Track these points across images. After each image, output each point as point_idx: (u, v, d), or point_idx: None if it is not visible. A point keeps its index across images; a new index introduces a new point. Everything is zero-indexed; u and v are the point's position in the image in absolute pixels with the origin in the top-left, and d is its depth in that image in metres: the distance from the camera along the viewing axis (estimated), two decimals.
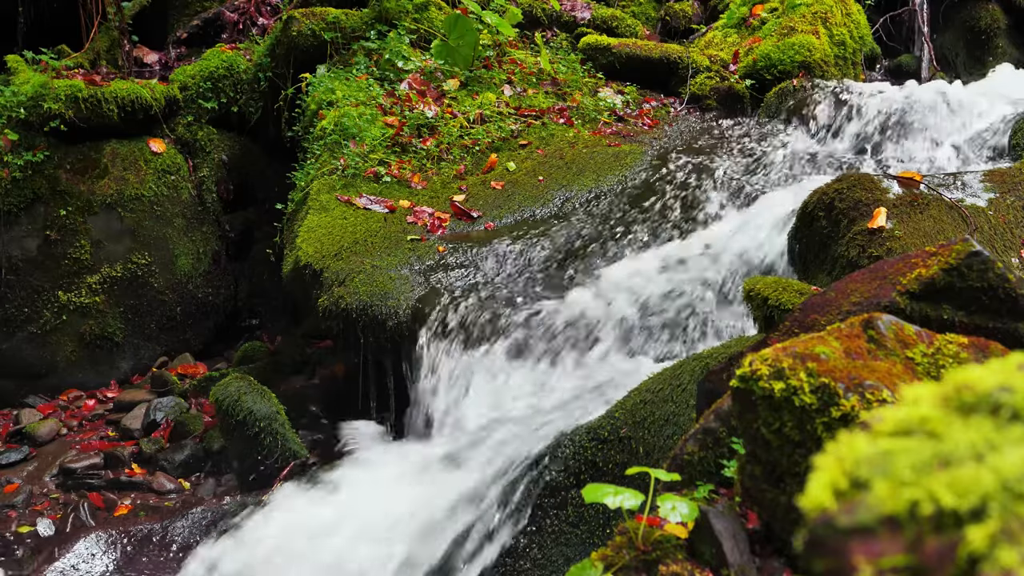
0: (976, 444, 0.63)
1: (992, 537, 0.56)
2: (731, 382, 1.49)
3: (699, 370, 2.73)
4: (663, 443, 2.68)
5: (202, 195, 5.86)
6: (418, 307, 3.76)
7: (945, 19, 7.04)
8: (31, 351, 5.41)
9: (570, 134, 5.16)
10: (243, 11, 6.73)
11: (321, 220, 4.41)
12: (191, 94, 5.97)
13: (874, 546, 0.60)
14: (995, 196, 3.48)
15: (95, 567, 3.71)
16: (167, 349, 5.69)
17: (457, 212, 4.48)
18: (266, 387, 4.29)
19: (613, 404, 2.92)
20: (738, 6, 6.61)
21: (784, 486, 1.45)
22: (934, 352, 1.51)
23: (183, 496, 4.34)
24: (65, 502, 4.29)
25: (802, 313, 1.96)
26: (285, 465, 4.01)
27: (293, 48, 5.67)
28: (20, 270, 5.40)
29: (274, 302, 5.91)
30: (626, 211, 4.43)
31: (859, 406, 1.33)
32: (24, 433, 4.91)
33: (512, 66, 5.77)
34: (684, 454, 1.78)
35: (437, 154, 4.92)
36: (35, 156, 5.37)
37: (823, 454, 0.67)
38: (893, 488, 0.61)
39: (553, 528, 2.81)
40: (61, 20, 6.61)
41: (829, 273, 3.27)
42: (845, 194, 3.36)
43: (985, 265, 1.78)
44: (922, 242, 3.11)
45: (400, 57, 5.47)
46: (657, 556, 1.52)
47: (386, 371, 4.00)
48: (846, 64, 5.99)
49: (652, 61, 5.95)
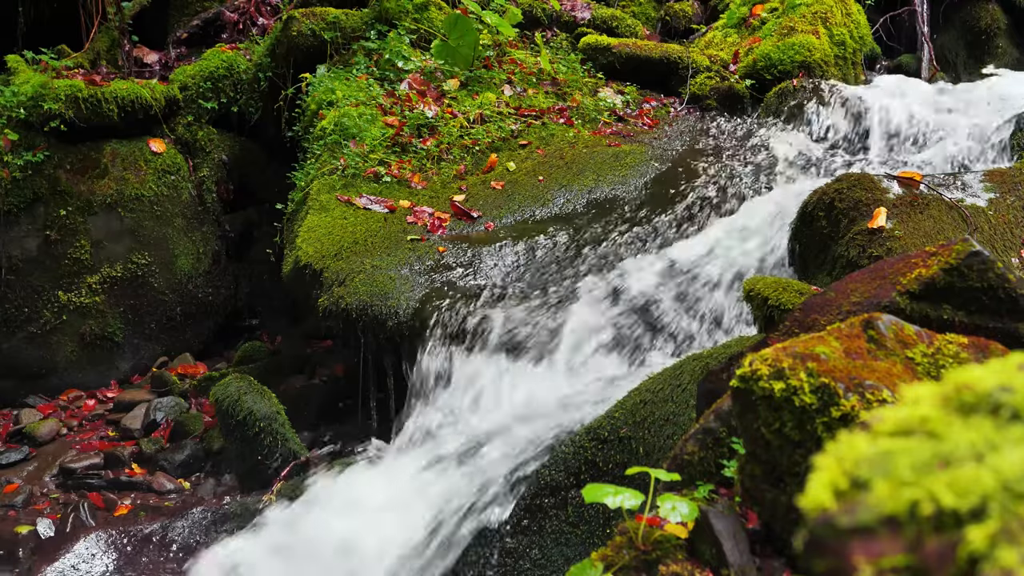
0: (976, 444, 0.63)
1: (992, 537, 0.56)
2: (731, 382, 1.49)
3: (699, 370, 2.73)
4: (663, 443, 2.68)
5: (202, 195, 5.86)
6: (418, 307, 3.76)
7: (945, 19, 7.03)
8: (31, 351, 5.40)
9: (570, 134, 5.17)
10: (243, 11, 6.72)
11: (321, 220, 4.41)
12: (191, 94, 5.97)
13: (874, 546, 0.60)
14: (995, 196, 3.48)
15: (95, 567, 3.71)
16: (167, 349, 5.69)
17: (457, 212, 4.48)
18: (266, 387, 4.29)
19: (613, 404, 2.92)
20: (738, 6, 6.61)
21: (784, 486, 1.45)
22: (934, 352, 1.51)
23: (183, 496, 4.34)
24: (65, 502, 4.29)
25: (802, 313, 1.96)
26: (285, 465, 4.01)
27: (293, 48, 5.67)
28: (20, 270, 5.40)
29: (274, 302, 5.91)
30: (627, 212, 4.43)
31: (859, 406, 1.33)
32: (24, 433, 4.91)
33: (512, 66, 5.77)
34: (684, 454, 1.78)
35: (437, 154, 4.92)
36: (35, 156, 5.37)
37: (823, 454, 0.67)
38: (893, 488, 0.61)
39: (553, 528, 2.81)
40: (61, 20, 6.61)
41: (829, 273, 3.27)
42: (845, 194, 3.36)
43: (985, 265, 1.78)
44: (922, 242, 3.11)
45: (400, 57, 5.47)
46: (657, 556, 1.52)
47: (386, 371, 4.00)
48: (846, 64, 5.98)
49: (652, 61, 5.95)
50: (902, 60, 6.94)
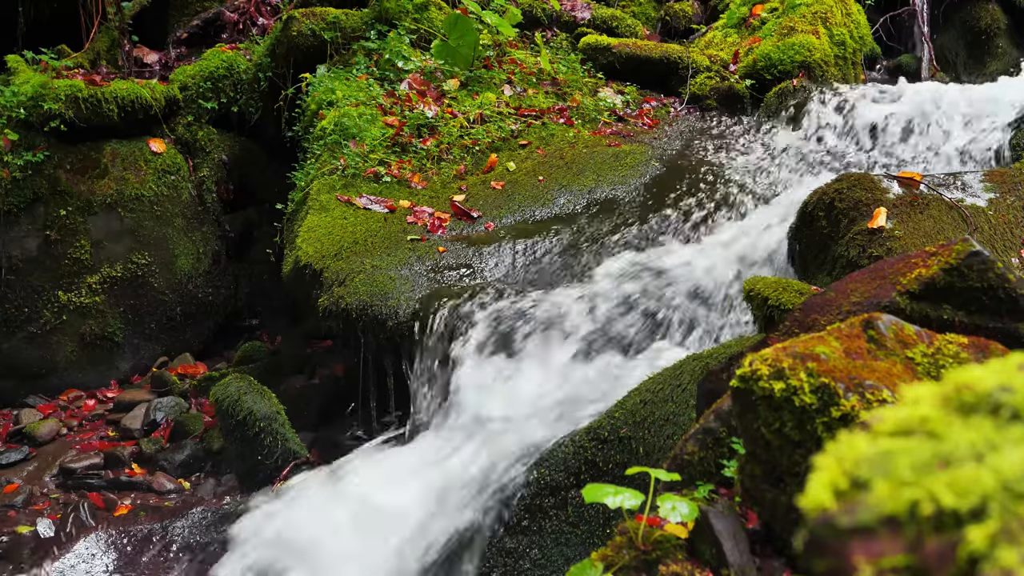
0: (976, 444, 0.63)
1: (992, 537, 0.56)
2: (731, 382, 1.49)
3: (699, 370, 2.73)
4: (663, 443, 2.68)
5: (202, 195, 5.86)
6: (418, 307, 3.76)
7: (945, 19, 7.03)
8: (31, 351, 5.40)
9: (570, 134, 5.16)
10: (243, 11, 6.72)
11: (321, 220, 4.41)
12: (191, 94, 5.97)
13: (874, 546, 0.60)
14: (995, 196, 3.48)
15: (95, 567, 3.71)
16: (167, 349, 5.69)
17: (457, 212, 4.48)
18: (266, 387, 4.29)
19: (613, 404, 2.92)
20: (738, 6, 6.61)
21: (784, 486, 1.45)
22: (934, 352, 1.51)
23: (183, 496, 4.34)
24: (65, 502, 4.29)
25: (802, 313, 1.96)
26: (285, 465, 4.01)
27: (293, 48, 5.67)
28: (20, 270, 5.40)
29: (274, 302, 5.91)
30: (626, 212, 4.42)
31: (859, 406, 1.33)
32: (24, 433, 4.91)
33: (512, 66, 5.77)
34: (684, 454, 1.78)
35: (437, 154, 4.92)
36: (35, 156, 5.37)
37: (823, 454, 0.67)
38: (893, 488, 0.61)
39: (553, 528, 2.81)
40: (61, 20, 6.61)
41: (829, 273, 3.26)
42: (845, 194, 3.36)
43: (985, 265, 1.78)
44: (922, 242, 3.11)
45: (400, 57, 5.47)
46: (657, 556, 1.52)
47: (386, 371, 4.00)
48: (846, 64, 5.98)
49: (652, 61, 5.95)
50: (902, 60, 6.94)
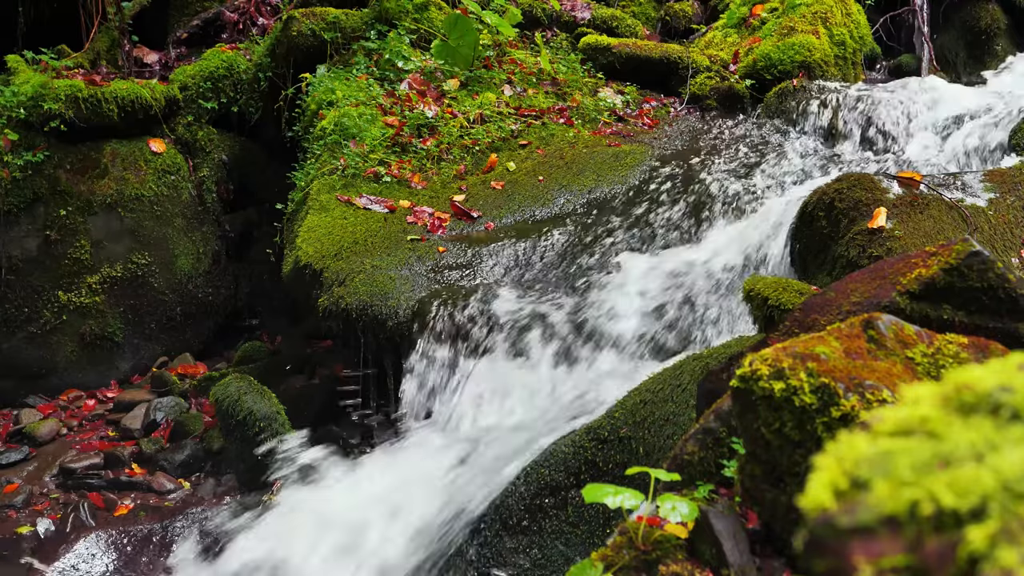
0: (976, 444, 0.63)
1: (992, 537, 0.56)
2: (731, 382, 1.49)
3: (699, 370, 2.73)
4: (663, 443, 2.68)
5: (202, 195, 5.86)
6: (418, 307, 3.76)
7: (945, 19, 7.03)
8: (31, 351, 5.40)
9: (570, 134, 5.16)
10: (243, 11, 6.72)
11: (321, 220, 4.41)
12: (191, 94, 5.97)
13: (874, 546, 0.60)
14: (995, 196, 3.48)
15: (95, 567, 3.71)
16: (167, 349, 5.69)
17: (457, 212, 4.48)
18: (266, 387, 4.29)
19: (613, 404, 2.92)
20: (738, 6, 6.61)
21: (784, 486, 1.45)
22: (934, 352, 1.51)
23: (183, 496, 4.34)
24: (65, 502, 4.29)
25: (802, 313, 1.96)
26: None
27: (293, 48, 5.67)
28: (20, 270, 5.40)
29: (274, 302, 5.91)
30: (627, 213, 4.42)
31: (859, 406, 1.33)
32: (24, 433, 4.91)
33: (512, 66, 5.77)
34: (684, 454, 1.78)
35: (437, 154, 4.92)
36: (35, 156, 5.36)
37: (823, 454, 0.67)
38: (893, 488, 0.61)
39: (553, 528, 2.81)
40: (61, 20, 6.61)
41: (829, 273, 3.26)
42: (845, 194, 3.35)
43: (985, 265, 1.78)
44: (922, 242, 3.11)
45: (400, 57, 5.46)
46: (657, 556, 1.52)
47: (386, 371, 4.00)
48: (846, 64, 5.98)
49: (652, 61, 5.95)
50: (902, 60, 6.94)
